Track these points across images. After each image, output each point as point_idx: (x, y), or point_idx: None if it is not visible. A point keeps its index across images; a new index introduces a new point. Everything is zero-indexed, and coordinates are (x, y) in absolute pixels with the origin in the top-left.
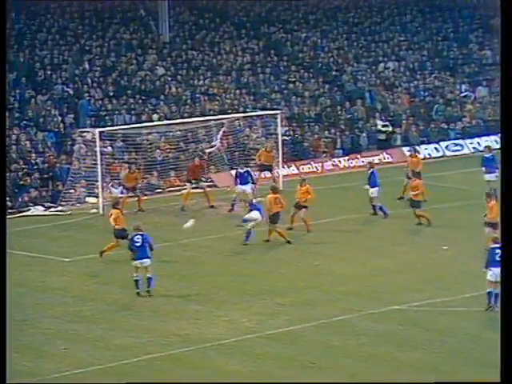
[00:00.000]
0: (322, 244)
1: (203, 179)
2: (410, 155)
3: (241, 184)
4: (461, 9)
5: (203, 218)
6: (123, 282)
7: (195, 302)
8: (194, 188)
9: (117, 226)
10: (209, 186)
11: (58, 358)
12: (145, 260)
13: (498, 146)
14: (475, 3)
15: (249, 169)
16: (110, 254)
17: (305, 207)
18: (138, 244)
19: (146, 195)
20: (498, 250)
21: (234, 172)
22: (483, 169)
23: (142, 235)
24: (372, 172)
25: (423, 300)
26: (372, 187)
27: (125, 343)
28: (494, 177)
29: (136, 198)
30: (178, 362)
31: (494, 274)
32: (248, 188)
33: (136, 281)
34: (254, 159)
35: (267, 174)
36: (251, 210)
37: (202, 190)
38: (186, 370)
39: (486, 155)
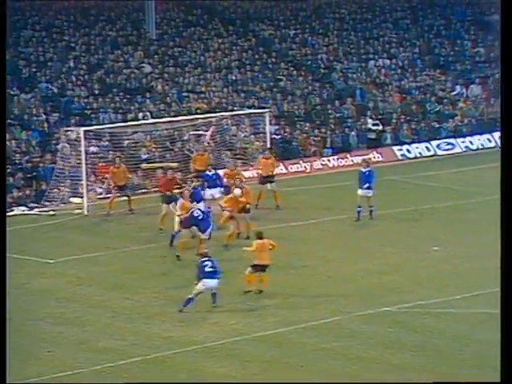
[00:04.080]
0: (310, 245)
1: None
2: (263, 157)
3: (209, 188)
4: (453, 5)
5: None
6: (108, 283)
7: (181, 303)
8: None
9: None
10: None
11: (41, 361)
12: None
13: (488, 145)
14: None
15: (218, 171)
16: (95, 255)
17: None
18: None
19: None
20: (207, 262)
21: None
22: (359, 185)
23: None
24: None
25: (413, 302)
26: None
27: (109, 346)
28: (369, 193)
29: (126, 198)
30: (163, 364)
31: (205, 284)
32: (216, 192)
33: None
34: (241, 159)
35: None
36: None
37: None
38: (172, 373)
39: (363, 169)
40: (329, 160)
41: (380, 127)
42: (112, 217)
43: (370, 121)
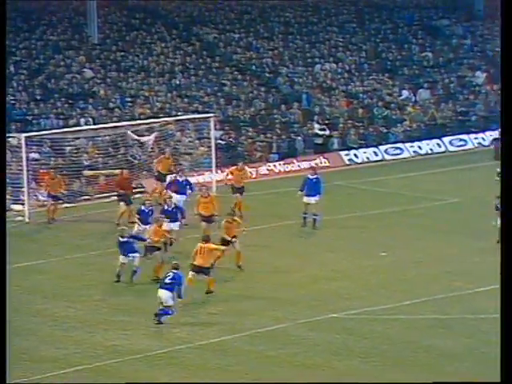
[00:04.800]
0: (256, 252)
1: (132, 194)
2: (237, 168)
3: (177, 193)
4: (400, 9)
5: None
6: (49, 292)
7: (124, 312)
8: (127, 204)
9: None
10: (139, 192)
11: None
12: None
13: (438, 150)
14: (415, 3)
15: (188, 178)
16: (36, 263)
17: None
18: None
19: (71, 202)
20: (170, 274)
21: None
22: (304, 191)
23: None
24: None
25: (361, 308)
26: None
27: (51, 355)
28: (314, 200)
29: (54, 207)
30: (106, 373)
31: (159, 295)
32: (182, 200)
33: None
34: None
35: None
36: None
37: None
38: (115, 382)
39: (311, 176)
40: (275, 165)
41: (327, 132)
42: (54, 224)
43: (316, 126)
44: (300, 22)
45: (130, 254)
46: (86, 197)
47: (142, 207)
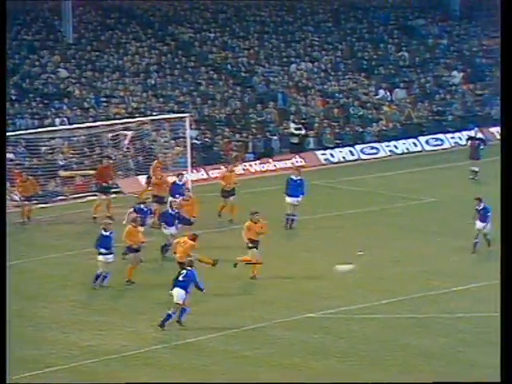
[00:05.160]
0: (231, 250)
1: (112, 185)
2: (227, 170)
3: (173, 196)
4: (375, 9)
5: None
6: (24, 292)
7: (99, 312)
8: (105, 194)
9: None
10: (115, 193)
11: None
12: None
13: (414, 149)
14: (390, 3)
15: (188, 183)
16: (11, 264)
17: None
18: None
19: (46, 202)
20: (183, 271)
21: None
22: (287, 192)
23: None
24: None
25: (338, 307)
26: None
27: (26, 356)
28: (296, 201)
29: (28, 207)
30: (81, 374)
31: (173, 293)
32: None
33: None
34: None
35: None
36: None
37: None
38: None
39: (294, 177)
40: (250, 165)
41: (303, 131)
42: (29, 225)
43: (292, 125)
44: (275, 22)
45: (108, 256)
46: (62, 197)
47: (142, 206)
